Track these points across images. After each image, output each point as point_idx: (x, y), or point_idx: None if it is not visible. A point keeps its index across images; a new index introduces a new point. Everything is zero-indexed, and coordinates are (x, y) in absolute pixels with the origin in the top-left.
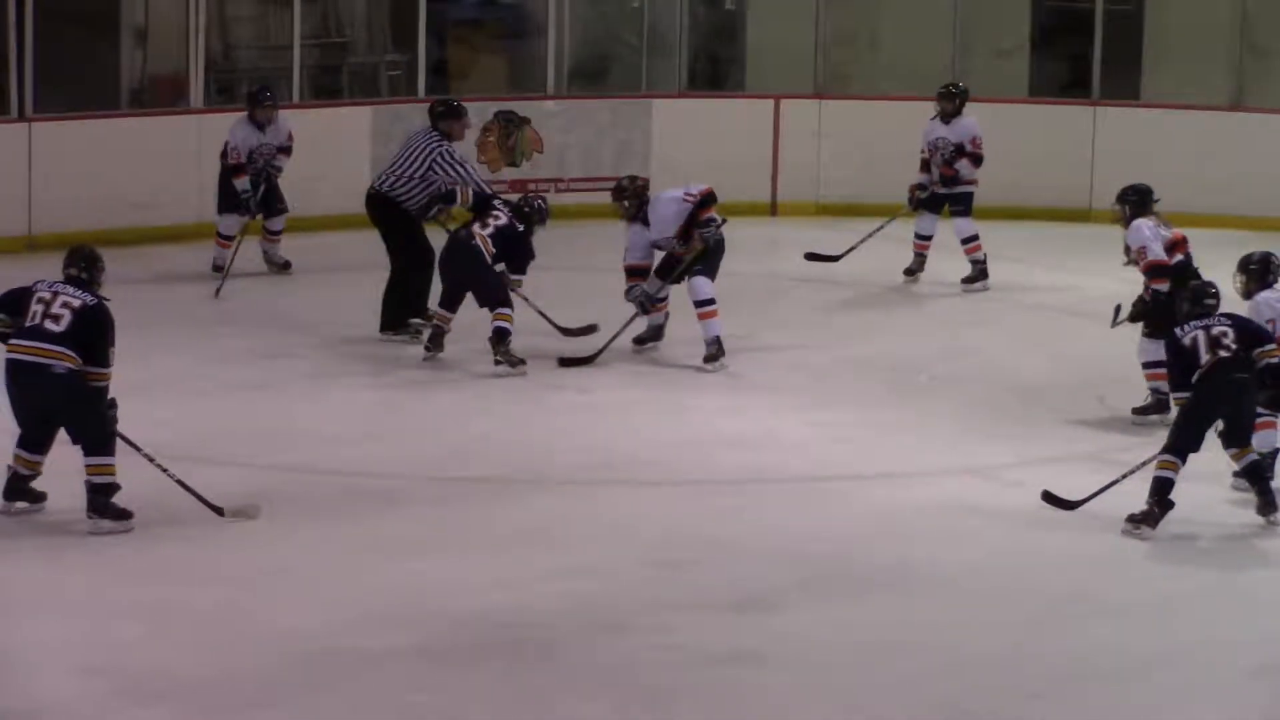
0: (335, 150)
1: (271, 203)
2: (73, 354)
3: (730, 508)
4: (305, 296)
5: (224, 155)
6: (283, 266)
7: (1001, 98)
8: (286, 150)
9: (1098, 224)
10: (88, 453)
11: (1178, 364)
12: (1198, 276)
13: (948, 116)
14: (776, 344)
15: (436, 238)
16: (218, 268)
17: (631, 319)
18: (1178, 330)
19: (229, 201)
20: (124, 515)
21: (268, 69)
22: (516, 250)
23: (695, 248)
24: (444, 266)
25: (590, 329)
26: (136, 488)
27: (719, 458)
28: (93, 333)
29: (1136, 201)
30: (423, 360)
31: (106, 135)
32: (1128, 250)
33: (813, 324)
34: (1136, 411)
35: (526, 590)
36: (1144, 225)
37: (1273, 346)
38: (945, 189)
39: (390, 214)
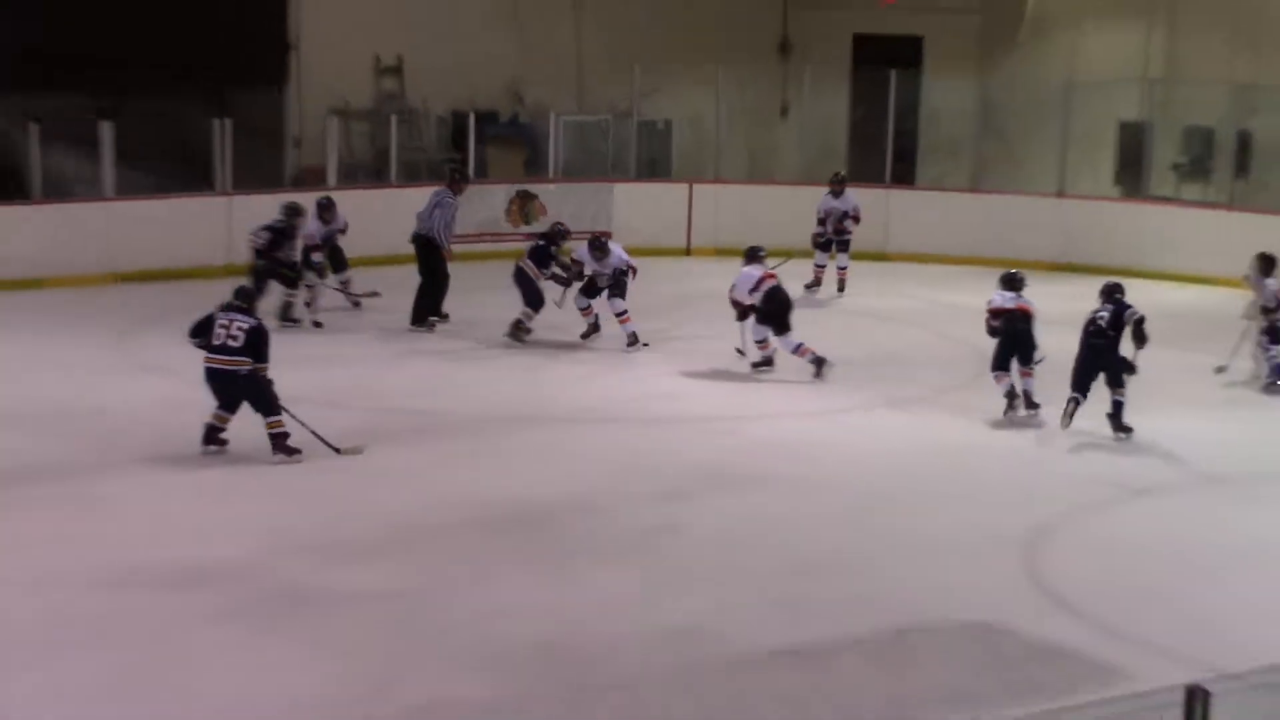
0: (415, 215)
1: (341, 264)
2: (249, 359)
3: (660, 436)
4: (386, 308)
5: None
6: (370, 295)
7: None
8: (343, 230)
9: (891, 261)
10: (264, 415)
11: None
12: (783, 297)
13: (837, 193)
14: (691, 335)
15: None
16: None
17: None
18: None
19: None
20: (294, 451)
21: (374, 164)
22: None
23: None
24: (514, 280)
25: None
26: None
27: (654, 406)
28: (259, 345)
29: (747, 255)
30: (508, 343)
31: (277, 204)
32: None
33: (714, 325)
34: (754, 366)
35: (535, 486)
36: (744, 272)
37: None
38: (836, 237)
39: (426, 249)
